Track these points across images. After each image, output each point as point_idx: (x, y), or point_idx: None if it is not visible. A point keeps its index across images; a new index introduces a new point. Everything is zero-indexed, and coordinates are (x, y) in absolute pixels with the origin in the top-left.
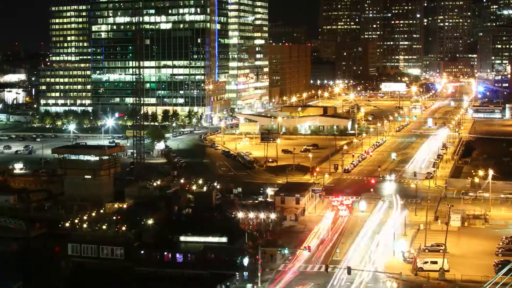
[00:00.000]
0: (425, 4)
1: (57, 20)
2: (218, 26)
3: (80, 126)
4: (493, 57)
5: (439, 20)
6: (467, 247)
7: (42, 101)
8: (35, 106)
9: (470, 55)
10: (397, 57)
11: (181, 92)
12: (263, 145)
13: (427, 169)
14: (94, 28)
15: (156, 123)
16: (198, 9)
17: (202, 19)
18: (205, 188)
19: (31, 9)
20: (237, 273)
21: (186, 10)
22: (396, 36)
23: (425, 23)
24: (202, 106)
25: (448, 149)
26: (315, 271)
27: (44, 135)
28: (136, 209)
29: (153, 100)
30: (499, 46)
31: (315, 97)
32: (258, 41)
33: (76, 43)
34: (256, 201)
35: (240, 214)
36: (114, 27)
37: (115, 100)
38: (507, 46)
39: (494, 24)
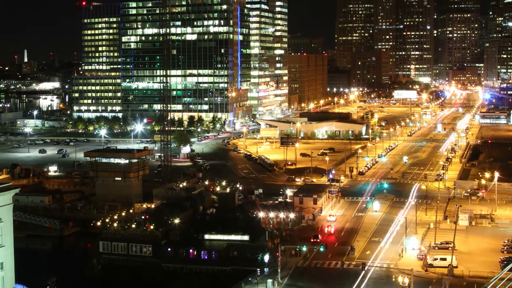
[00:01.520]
0: (435, 17)
1: (89, 32)
2: (240, 37)
3: (110, 131)
4: (498, 66)
5: (448, 32)
6: (474, 244)
7: (75, 108)
8: (68, 112)
9: (477, 64)
10: (408, 66)
11: (206, 99)
12: (283, 149)
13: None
14: (124, 39)
15: (182, 128)
16: (222, 21)
17: (225, 30)
18: (228, 189)
19: (65, 22)
20: (258, 269)
21: (210, 22)
22: (407, 46)
23: (435, 34)
24: (225, 112)
25: (457, 153)
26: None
27: (77, 140)
28: (163, 209)
29: (179, 107)
30: (504, 56)
31: (332, 104)
32: (278, 51)
33: (107, 53)
34: (276, 202)
35: (261, 214)
36: (143, 38)
37: (143, 106)
38: None
39: (499, 35)
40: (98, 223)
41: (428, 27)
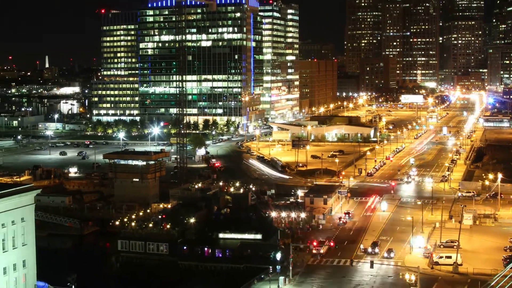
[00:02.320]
0: (441, 24)
1: (108, 38)
2: (253, 44)
3: (128, 134)
4: (502, 72)
5: (453, 38)
6: (478, 243)
7: (94, 111)
8: (88, 116)
9: (481, 70)
10: (415, 71)
11: (220, 103)
12: (294, 151)
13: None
14: (141, 45)
15: (198, 131)
16: (236, 28)
17: (239, 37)
18: (241, 190)
19: (84, 29)
20: (270, 267)
21: (224, 29)
22: (414, 52)
23: (441, 41)
24: (239, 116)
25: (461, 155)
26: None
27: (96, 142)
28: (179, 209)
29: (194, 111)
30: (507, 62)
31: (341, 107)
32: (289, 57)
33: (125, 59)
34: (288, 202)
35: (273, 214)
36: (160, 44)
37: (160, 110)
38: None
39: (503, 42)
40: (117, 223)
41: (434, 34)
